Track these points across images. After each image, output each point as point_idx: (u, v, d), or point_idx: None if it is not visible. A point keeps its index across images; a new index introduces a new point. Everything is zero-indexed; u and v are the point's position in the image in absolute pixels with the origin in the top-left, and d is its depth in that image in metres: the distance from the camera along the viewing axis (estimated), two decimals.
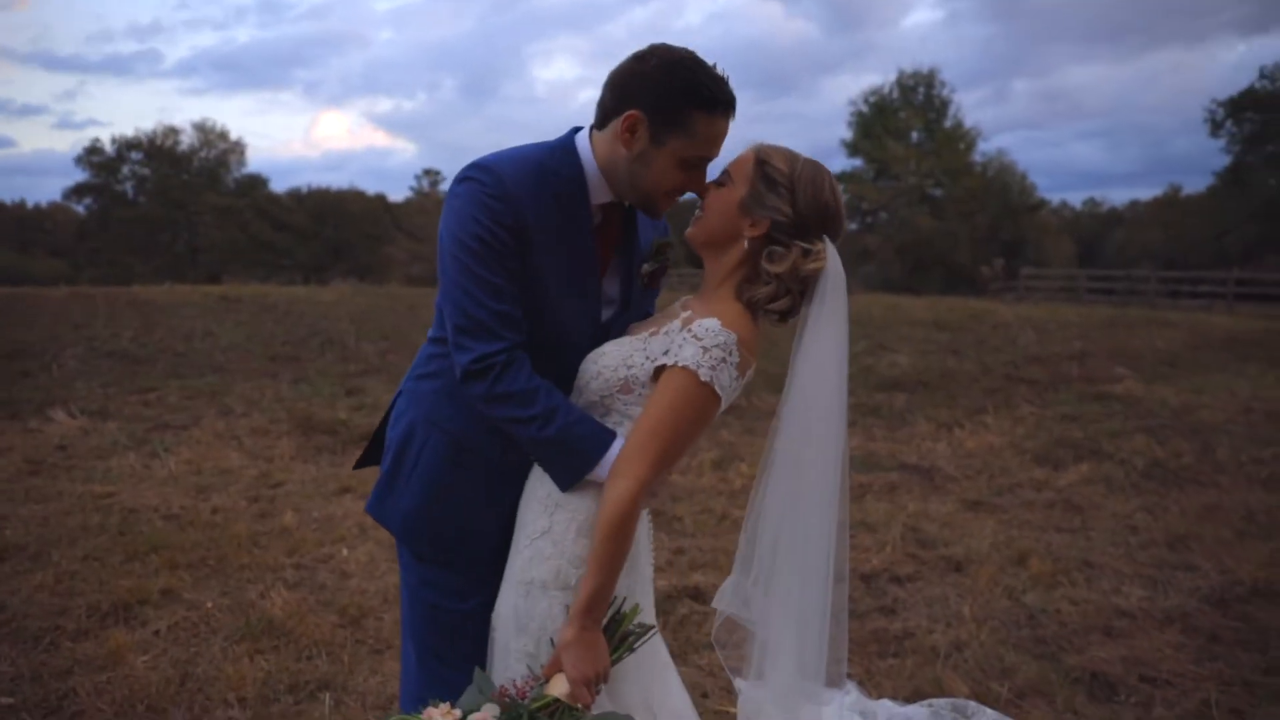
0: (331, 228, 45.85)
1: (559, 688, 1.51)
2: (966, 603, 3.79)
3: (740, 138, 1.71)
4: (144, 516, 4.71)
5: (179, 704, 2.89)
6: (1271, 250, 32.61)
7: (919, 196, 41.74)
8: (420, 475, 1.74)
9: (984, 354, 11.43)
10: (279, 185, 56.58)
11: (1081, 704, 3.00)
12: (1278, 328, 15.51)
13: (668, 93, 1.57)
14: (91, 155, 45.13)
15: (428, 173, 54.42)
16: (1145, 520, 4.98)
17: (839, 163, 43.15)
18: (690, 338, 1.57)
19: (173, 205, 43.65)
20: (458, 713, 1.46)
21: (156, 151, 45.48)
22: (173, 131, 46.04)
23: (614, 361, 1.65)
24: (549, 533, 1.64)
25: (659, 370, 1.60)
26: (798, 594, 1.68)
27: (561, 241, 1.66)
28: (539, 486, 1.68)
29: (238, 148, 47.46)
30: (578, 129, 1.72)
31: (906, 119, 42.43)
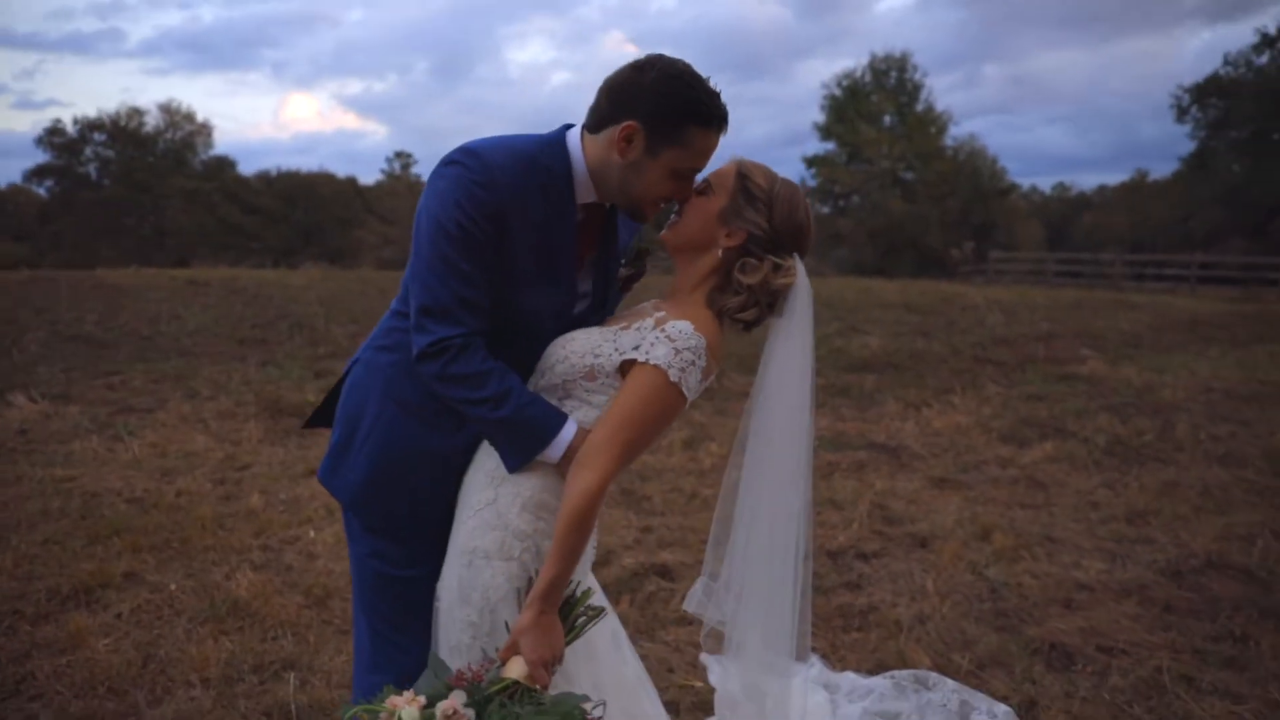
0: (302, 211, 45.11)
1: (517, 670, 1.52)
2: (930, 577, 3.84)
3: None
4: (106, 500, 4.65)
5: (140, 685, 2.87)
6: (1235, 234, 33.14)
7: (891, 180, 41.92)
8: (372, 448, 1.74)
9: (953, 336, 11.55)
10: (247, 168, 55.66)
11: (1040, 674, 3.07)
12: (1239, 310, 15.82)
13: (666, 106, 1.59)
14: (53, 136, 43.97)
15: (399, 155, 53.67)
16: (1106, 496, 5.08)
17: (811, 146, 43.39)
18: (664, 337, 1.60)
19: (138, 188, 42.67)
20: (422, 699, 1.45)
21: (120, 133, 44.42)
22: (137, 112, 44.98)
23: (582, 349, 1.67)
24: (494, 504, 1.66)
25: (626, 364, 1.63)
26: (768, 589, 1.74)
27: (543, 234, 1.66)
28: (486, 460, 1.70)
29: (204, 129, 46.50)
30: (569, 126, 1.73)
31: (878, 103, 42.53)
